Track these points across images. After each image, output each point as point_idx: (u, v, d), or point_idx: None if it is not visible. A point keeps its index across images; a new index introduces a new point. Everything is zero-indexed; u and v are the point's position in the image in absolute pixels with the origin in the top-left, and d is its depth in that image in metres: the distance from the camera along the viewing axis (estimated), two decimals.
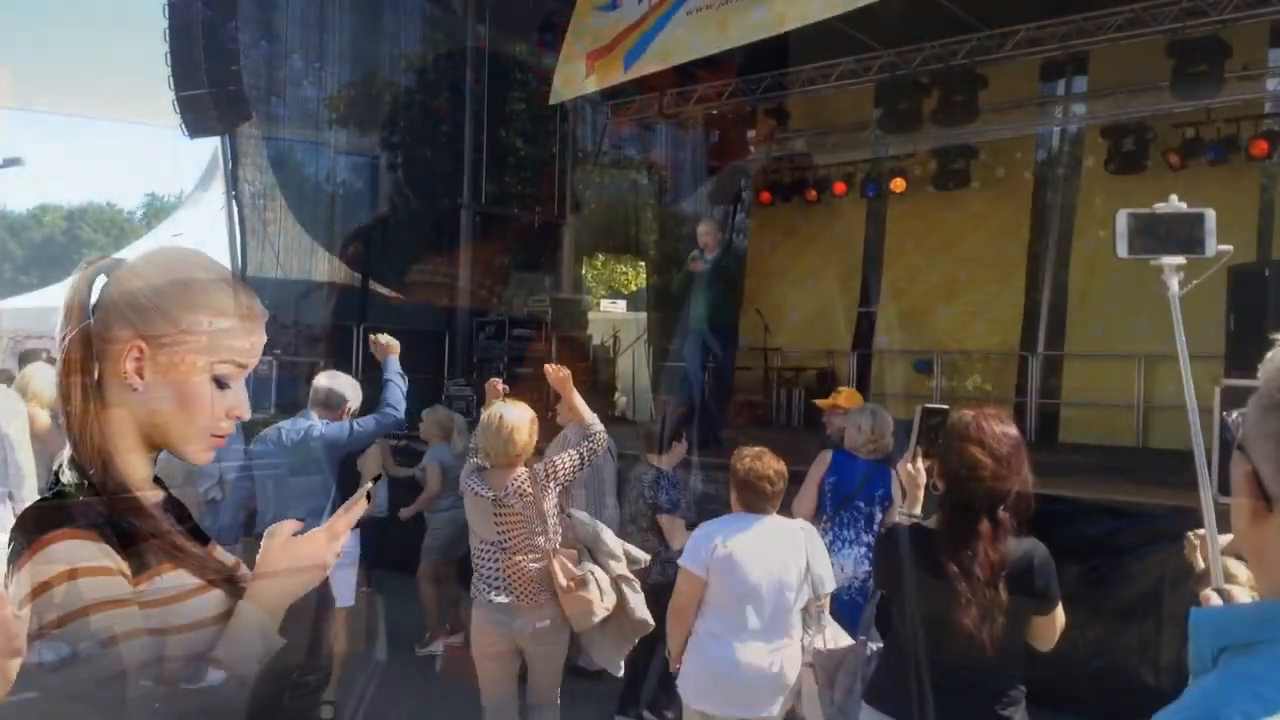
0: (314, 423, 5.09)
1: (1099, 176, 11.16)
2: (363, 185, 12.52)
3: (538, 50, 13.74)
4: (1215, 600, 2.15)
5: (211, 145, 12.52)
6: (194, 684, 1.42)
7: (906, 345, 12.37)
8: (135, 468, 1.50)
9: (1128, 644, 5.48)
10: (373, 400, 5.37)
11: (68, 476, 1.46)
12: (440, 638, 6.92)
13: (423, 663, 6.65)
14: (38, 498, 1.48)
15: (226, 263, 11.52)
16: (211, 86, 10.51)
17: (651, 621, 4.42)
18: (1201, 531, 2.65)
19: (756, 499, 3.95)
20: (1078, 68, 11.42)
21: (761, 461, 3.97)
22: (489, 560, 4.34)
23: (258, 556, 1.55)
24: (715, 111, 12.93)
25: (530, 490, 4.24)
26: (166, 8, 10.57)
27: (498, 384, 5.35)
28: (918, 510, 3.03)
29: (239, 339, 1.52)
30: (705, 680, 3.93)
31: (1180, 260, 2.82)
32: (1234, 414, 1.17)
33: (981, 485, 2.80)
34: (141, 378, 1.47)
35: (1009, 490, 2.82)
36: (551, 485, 4.31)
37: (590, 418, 4.43)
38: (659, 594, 5.45)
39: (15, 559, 1.38)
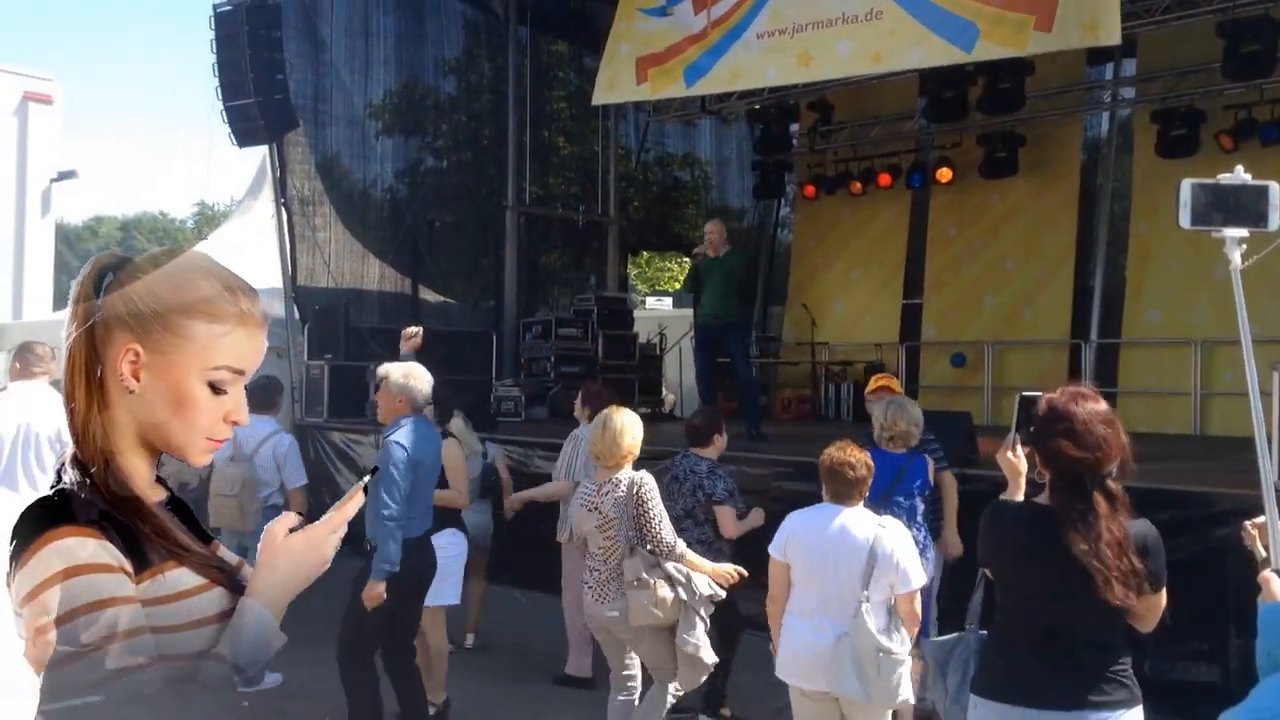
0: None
1: (1150, 161, 10.97)
2: (409, 190, 12.62)
3: (578, 50, 13.79)
4: (1276, 582, 2.09)
5: (260, 154, 12.68)
6: (253, 687, 1.44)
7: (954, 336, 12.26)
8: (136, 467, 1.50)
9: (1190, 636, 5.39)
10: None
11: (70, 475, 1.46)
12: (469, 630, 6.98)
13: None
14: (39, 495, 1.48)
15: (278, 270, 11.71)
16: (258, 96, 10.65)
17: (706, 662, 4.65)
18: (1260, 520, 2.59)
19: (842, 487, 4.14)
20: (1126, 51, 11.24)
21: (844, 451, 4.18)
22: (592, 556, 4.75)
23: (258, 554, 1.55)
24: (758, 105, 12.89)
25: (625, 493, 4.59)
26: (213, 19, 10.73)
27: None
28: (1019, 499, 3.03)
29: (238, 345, 1.52)
30: (789, 657, 4.15)
31: (1243, 233, 2.77)
32: None
33: (1085, 463, 2.81)
34: (137, 380, 1.47)
35: (1111, 465, 2.84)
36: (638, 506, 4.61)
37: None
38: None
39: (17, 556, 1.38)
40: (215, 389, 1.50)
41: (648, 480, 4.58)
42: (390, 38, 12.20)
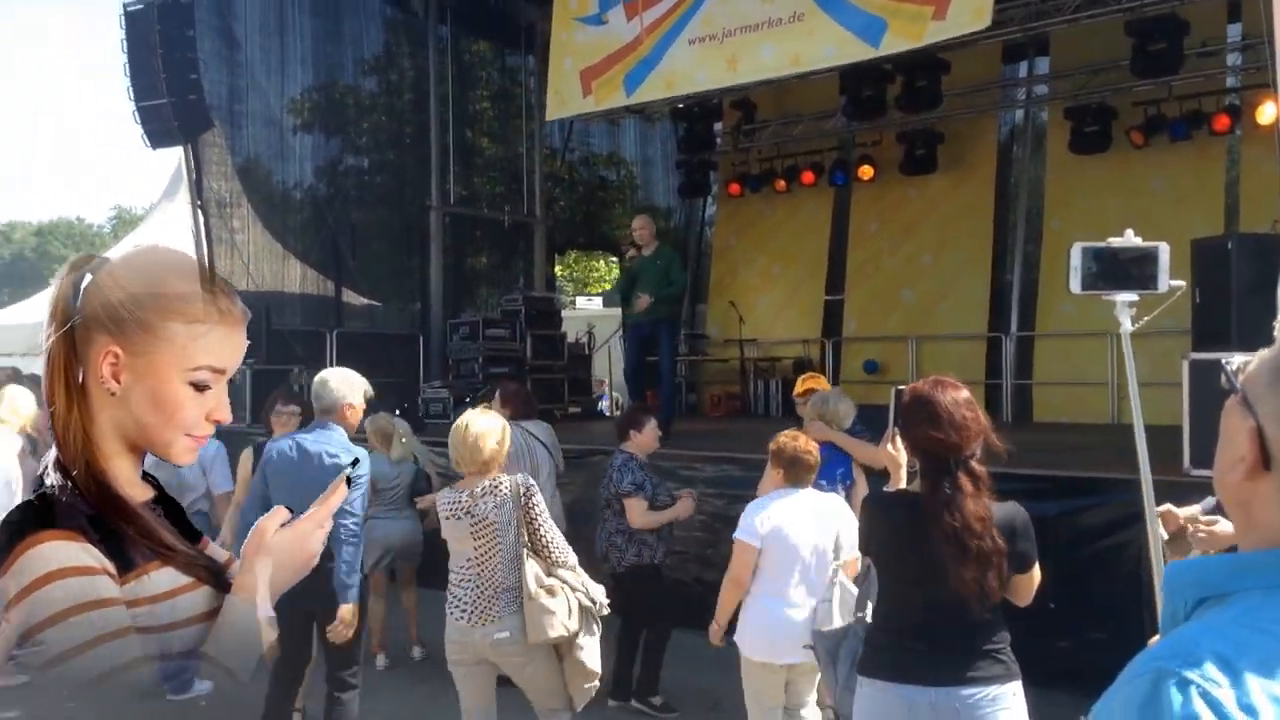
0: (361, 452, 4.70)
1: (1063, 157, 11.26)
2: (330, 190, 12.45)
3: (499, 49, 13.72)
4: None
5: (176, 155, 12.41)
6: (180, 694, 1.42)
7: (873, 330, 12.45)
8: (120, 468, 1.50)
9: (1097, 613, 5.54)
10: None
11: (52, 478, 1.45)
12: (379, 652, 6.72)
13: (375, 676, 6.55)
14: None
15: None
16: (171, 96, 10.41)
17: (598, 671, 4.33)
18: (1165, 507, 2.73)
19: (802, 473, 4.44)
20: (1039, 49, 11.53)
21: (800, 441, 4.50)
22: (457, 572, 4.30)
23: (243, 550, 1.55)
24: (681, 105, 12.96)
25: (508, 497, 4.20)
26: (123, 18, 10.47)
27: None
28: (900, 488, 3.21)
29: (217, 344, 1.51)
30: (764, 636, 4.34)
31: (1133, 296, 2.90)
32: (1233, 362, 1.16)
33: (947, 446, 2.94)
34: (118, 382, 1.46)
35: (974, 447, 2.97)
36: (526, 512, 4.23)
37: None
38: (637, 574, 5.63)
39: None
40: (197, 388, 1.50)
41: (533, 485, 4.29)
42: (307, 37, 12.00)
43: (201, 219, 11.24)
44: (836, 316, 13.08)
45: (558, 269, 18.15)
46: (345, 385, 4.83)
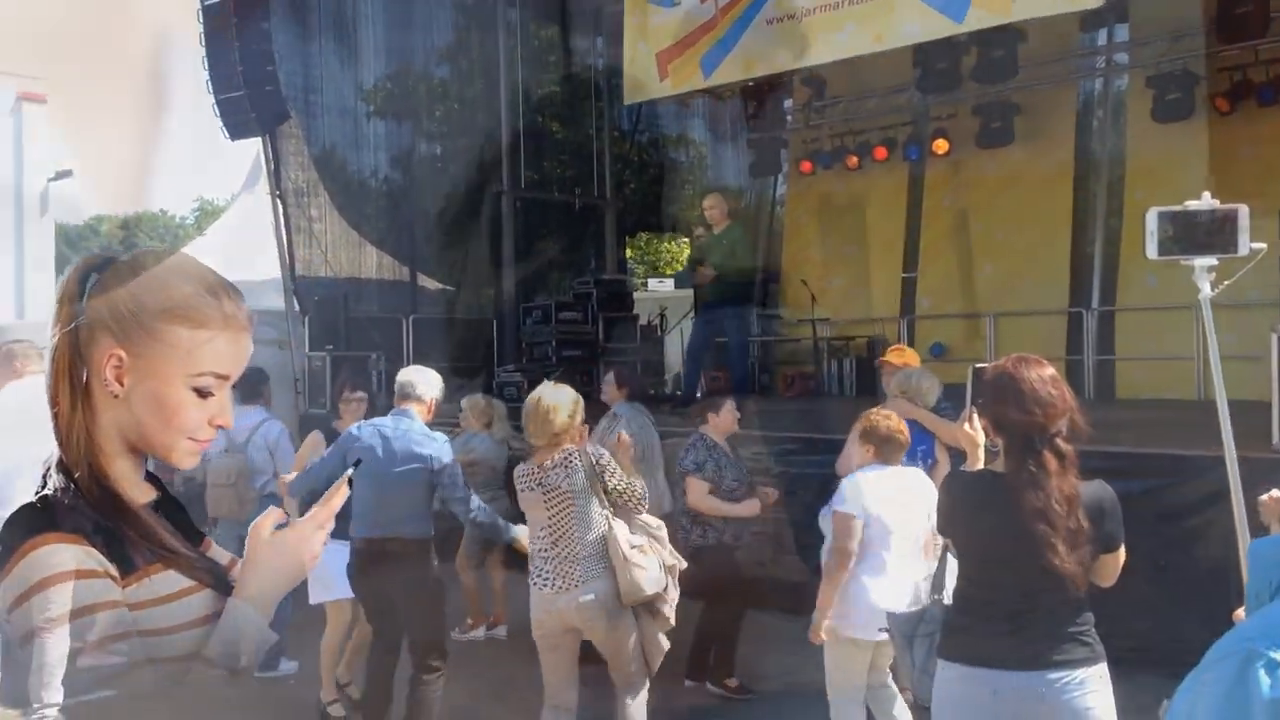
0: (434, 435, 4.96)
1: (1145, 126, 10.94)
2: (404, 178, 12.61)
3: (568, 32, 13.74)
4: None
5: (255, 146, 12.67)
6: (267, 672, 1.45)
7: (949, 308, 12.25)
8: (122, 469, 1.49)
9: (1182, 593, 5.41)
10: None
11: (54, 480, 1.45)
12: (480, 625, 6.98)
13: (464, 648, 6.68)
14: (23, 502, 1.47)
15: (275, 261, 11.70)
16: (248, 88, 10.63)
17: (672, 624, 4.45)
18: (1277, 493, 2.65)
19: (894, 451, 4.46)
20: (1119, 16, 11.18)
21: (893, 420, 4.53)
22: (536, 543, 4.43)
23: (245, 551, 1.54)
24: (751, 83, 12.86)
25: (579, 468, 4.31)
26: (201, 12, 10.70)
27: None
28: (979, 468, 3.13)
29: (222, 350, 1.50)
30: (854, 612, 4.32)
31: (1212, 261, 2.79)
32: None
33: (1032, 425, 2.89)
34: (121, 384, 1.46)
35: (1060, 425, 2.90)
36: (602, 480, 4.34)
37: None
38: (700, 555, 5.58)
39: (1, 565, 1.38)
40: (200, 393, 1.49)
41: (604, 454, 4.41)
42: (379, 25, 12.17)
43: (280, 209, 11.47)
44: (912, 294, 12.90)
45: (628, 251, 18.16)
46: (425, 379, 5.07)
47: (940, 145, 12.20)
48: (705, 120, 15.21)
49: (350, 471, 1.64)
